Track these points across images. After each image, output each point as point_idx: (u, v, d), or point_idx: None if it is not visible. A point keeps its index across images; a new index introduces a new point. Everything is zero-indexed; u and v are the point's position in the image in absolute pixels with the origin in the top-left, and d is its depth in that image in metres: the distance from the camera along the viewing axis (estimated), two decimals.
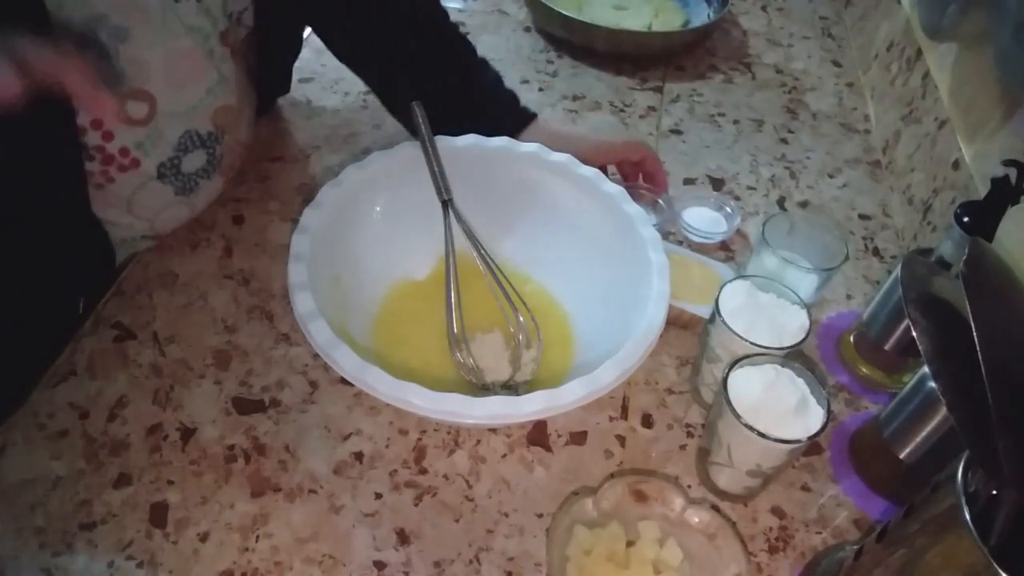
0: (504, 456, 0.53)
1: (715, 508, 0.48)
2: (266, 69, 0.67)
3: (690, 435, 0.56)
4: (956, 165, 0.68)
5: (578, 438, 0.55)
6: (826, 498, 0.53)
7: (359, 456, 0.52)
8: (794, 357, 0.50)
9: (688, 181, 0.78)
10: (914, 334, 0.37)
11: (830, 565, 0.47)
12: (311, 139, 0.77)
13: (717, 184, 0.78)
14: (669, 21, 0.97)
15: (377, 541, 0.48)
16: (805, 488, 0.53)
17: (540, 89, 0.89)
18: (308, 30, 0.92)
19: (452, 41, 0.67)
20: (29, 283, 0.53)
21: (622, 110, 0.87)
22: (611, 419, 0.56)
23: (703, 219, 0.72)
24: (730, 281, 0.54)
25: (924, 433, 0.49)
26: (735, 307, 0.52)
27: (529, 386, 0.55)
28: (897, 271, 0.53)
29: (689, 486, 0.52)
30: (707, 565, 0.46)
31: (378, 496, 0.50)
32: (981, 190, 0.61)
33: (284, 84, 0.79)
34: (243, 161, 0.68)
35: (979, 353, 0.32)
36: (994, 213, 0.51)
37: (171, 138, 0.55)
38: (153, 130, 0.53)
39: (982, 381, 0.32)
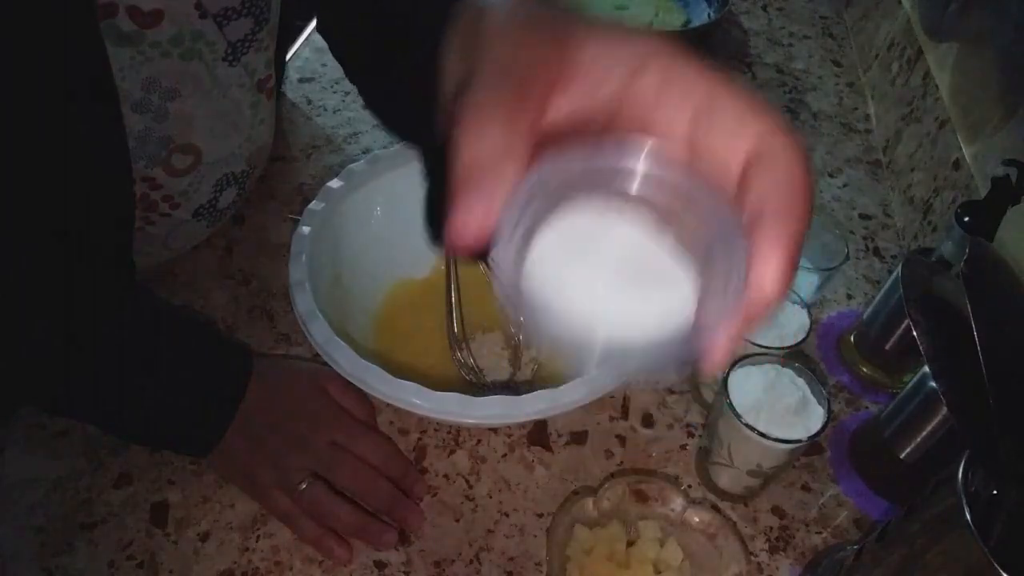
0: (504, 456, 0.53)
1: (715, 508, 0.48)
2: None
3: (690, 435, 0.56)
4: (957, 165, 0.68)
5: (578, 438, 0.55)
6: (826, 498, 0.53)
7: None
8: (794, 357, 0.50)
9: None
10: (915, 334, 0.37)
11: (830, 565, 0.47)
12: (311, 139, 0.77)
13: None
14: (669, 21, 0.97)
15: None
16: (805, 488, 0.53)
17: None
18: (307, 30, 0.92)
19: None
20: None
21: None
22: (611, 419, 0.56)
23: None
24: None
25: (924, 433, 0.49)
26: None
27: (529, 386, 0.55)
28: (898, 271, 0.53)
29: (689, 486, 0.52)
30: (707, 565, 0.46)
31: None
32: (982, 190, 0.61)
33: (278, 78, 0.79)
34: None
35: (980, 353, 0.32)
36: (995, 213, 0.51)
37: (210, 183, 0.55)
38: (195, 178, 0.53)
39: (983, 381, 0.32)
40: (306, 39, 0.91)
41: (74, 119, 0.44)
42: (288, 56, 0.88)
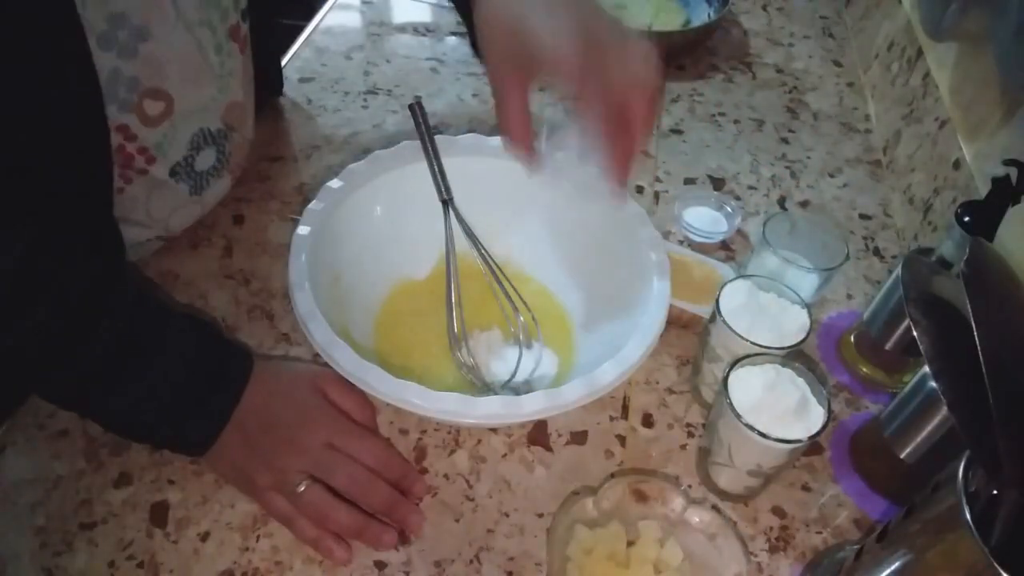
0: (504, 456, 0.53)
1: (715, 508, 0.48)
2: (259, 64, 0.67)
3: (691, 435, 0.56)
4: (957, 165, 0.68)
5: (578, 438, 0.55)
6: (827, 498, 0.53)
7: None
8: (794, 357, 0.50)
9: (688, 181, 0.78)
10: (915, 334, 0.37)
11: (831, 565, 0.47)
12: (311, 139, 0.77)
13: (718, 184, 0.78)
14: (669, 21, 0.97)
15: None
16: (806, 488, 0.53)
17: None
18: (307, 30, 0.92)
19: None
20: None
21: None
22: (612, 419, 0.56)
23: (704, 219, 0.72)
24: (730, 281, 0.54)
25: (925, 433, 0.49)
26: (735, 307, 0.52)
27: (529, 386, 0.55)
28: (898, 271, 0.53)
29: (689, 486, 0.52)
30: (707, 565, 0.46)
31: None
32: (982, 190, 0.61)
33: (277, 81, 0.79)
34: (248, 160, 0.68)
35: (980, 353, 0.32)
36: (995, 213, 0.51)
37: (184, 137, 0.55)
38: (169, 129, 0.53)
39: (983, 381, 0.32)
40: (306, 39, 0.91)
41: (42, 57, 0.43)
42: (288, 56, 0.88)
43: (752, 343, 0.49)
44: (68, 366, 0.44)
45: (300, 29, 0.93)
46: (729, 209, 0.72)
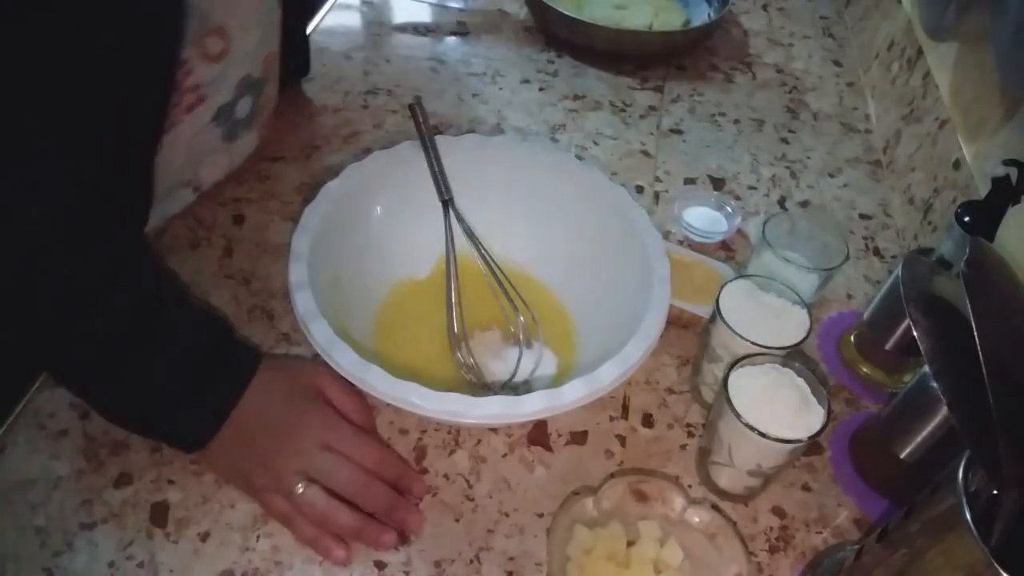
0: (504, 456, 0.53)
1: (715, 508, 0.48)
2: (287, 42, 0.68)
3: (690, 435, 0.56)
4: (957, 165, 0.68)
5: (578, 438, 0.55)
6: (827, 498, 0.53)
7: None
8: (794, 357, 0.50)
9: (688, 181, 0.78)
10: (915, 334, 0.37)
11: (831, 565, 0.47)
12: (311, 139, 0.77)
13: (718, 184, 0.78)
14: (670, 21, 0.97)
15: None
16: (806, 488, 0.53)
17: (540, 89, 0.89)
18: (307, 29, 0.92)
19: None
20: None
21: (623, 110, 0.87)
22: (611, 419, 0.56)
23: (703, 219, 0.72)
24: (730, 281, 0.54)
25: (925, 433, 0.49)
26: (735, 307, 0.52)
27: (529, 386, 0.55)
28: (898, 271, 0.53)
29: (689, 486, 0.52)
30: (707, 565, 0.46)
31: None
32: (982, 190, 0.61)
33: (304, 62, 0.81)
34: (271, 119, 0.68)
35: (980, 353, 0.32)
36: (995, 213, 0.51)
37: (233, 80, 0.56)
38: (223, 70, 0.54)
39: (983, 381, 0.32)
40: (309, 35, 0.91)
41: None
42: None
43: (752, 343, 0.49)
44: (80, 336, 0.43)
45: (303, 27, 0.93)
46: (729, 209, 0.72)
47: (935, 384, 0.37)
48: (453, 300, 0.56)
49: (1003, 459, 0.31)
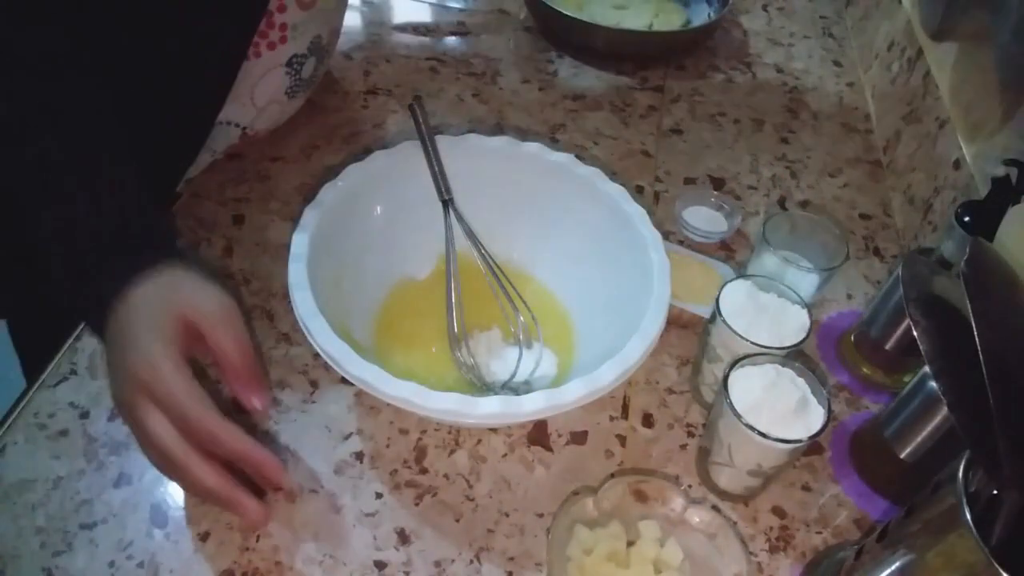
0: (504, 456, 0.53)
1: (715, 508, 0.48)
2: None
3: (691, 435, 0.56)
4: (957, 165, 0.68)
5: (579, 438, 0.55)
6: (827, 498, 0.53)
7: (359, 456, 0.52)
8: (795, 357, 0.50)
9: (688, 181, 0.78)
10: (915, 334, 0.37)
11: (831, 565, 0.47)
12: (311, 139, 0.77)
13: (718, 184, 0.78)
14: (670, 21, 0.97)
15: (377, 541, 0.48)
16: (806, 488, 0.53)
17: (540, 89, 0.89)
18: None
19: None
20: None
21: (622, 110, 0.87)
22: (611, 419, 0.56)
23: (703, 218, 0.72)
24: (730, 281, 0.54)
25: (925, 433, 0.49)
26: (735, 307, 0.52)
27: (529, 386, 0.55)
28: (898, 271, 0.53)
29: (689, 486, 0.52)
30: (707, 565, 0.47)
31: (378, 496, 0.50)
32: (982, 190, 0.61)
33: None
34: (311, 95, 0.73)
35: (980, 353, 0.32)
36: (995, 213, 0.50)
37: (310, 33, 0.60)
38: (308, 18, 0.59)
39: (983, 381, 0.32)
40: None
41: None
42: None
43: (752, 343, 0.49)
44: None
45: None
46: (729, 209, 0.72)
47: (935, 384, 0.37)
48: (453, 300, 0.56)
49: (1003, 459, 0.31)
